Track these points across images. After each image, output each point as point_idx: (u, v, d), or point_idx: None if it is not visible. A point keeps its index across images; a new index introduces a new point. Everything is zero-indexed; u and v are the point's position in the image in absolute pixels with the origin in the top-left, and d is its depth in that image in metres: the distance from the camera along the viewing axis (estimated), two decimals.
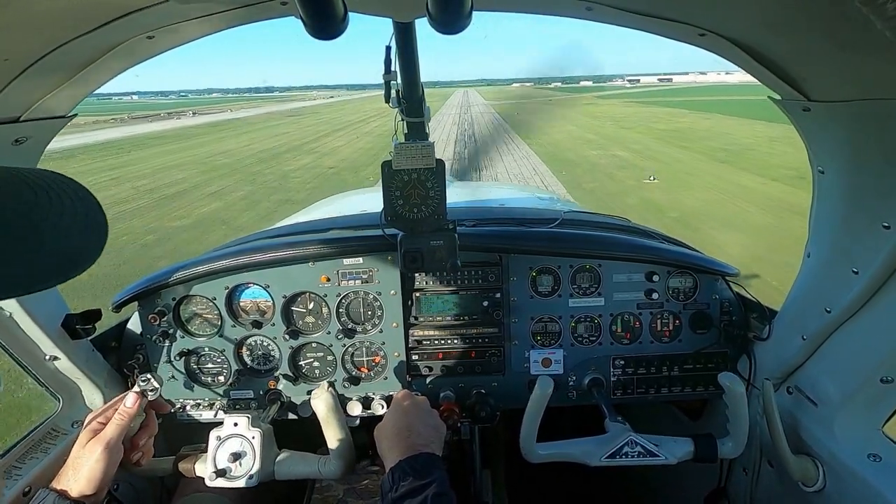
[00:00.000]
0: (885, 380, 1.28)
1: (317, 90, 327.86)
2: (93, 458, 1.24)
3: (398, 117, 1.50)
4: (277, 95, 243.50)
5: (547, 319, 1.82)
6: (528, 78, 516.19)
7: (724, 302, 1.81)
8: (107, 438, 1.28)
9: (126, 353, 1.81)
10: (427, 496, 1.11)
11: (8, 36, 0.85)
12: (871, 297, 1.24)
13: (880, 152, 1.06)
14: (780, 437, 1.42)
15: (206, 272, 1.73)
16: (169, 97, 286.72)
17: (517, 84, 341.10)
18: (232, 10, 1.07)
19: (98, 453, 1.25)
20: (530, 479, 2.55)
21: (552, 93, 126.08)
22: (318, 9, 0.88)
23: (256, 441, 1.49)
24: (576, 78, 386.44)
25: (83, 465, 1.24)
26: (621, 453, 1.49)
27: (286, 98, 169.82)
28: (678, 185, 14.61)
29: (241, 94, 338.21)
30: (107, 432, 1.29)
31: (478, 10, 0.95)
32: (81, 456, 1.26)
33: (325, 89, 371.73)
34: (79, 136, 36.11)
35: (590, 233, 1.94)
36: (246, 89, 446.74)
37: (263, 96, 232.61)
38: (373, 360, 1.85)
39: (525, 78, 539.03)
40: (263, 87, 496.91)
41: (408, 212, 1.54)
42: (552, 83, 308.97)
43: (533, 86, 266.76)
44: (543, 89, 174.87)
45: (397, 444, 1.30)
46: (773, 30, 0.99)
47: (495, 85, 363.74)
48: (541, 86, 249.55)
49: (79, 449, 1.28)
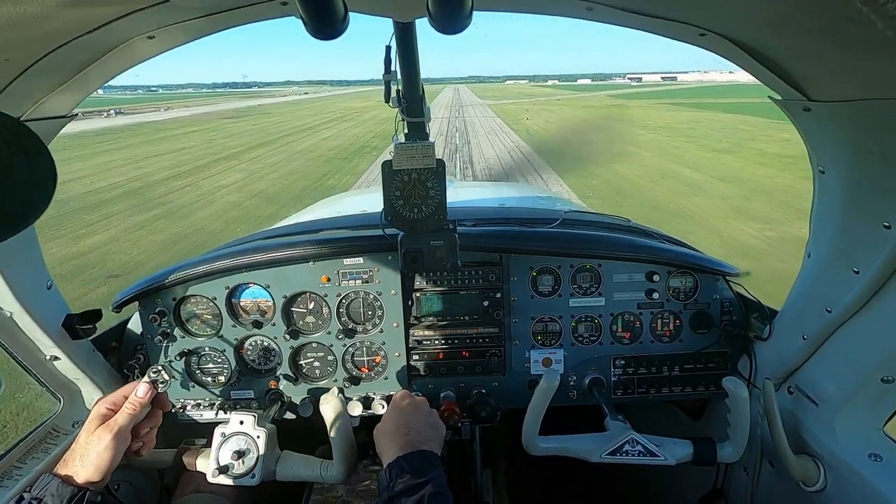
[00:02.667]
0: (886, 379, 1.28)
1: (298, 86, 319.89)
2: (101, 445, 1.23)
3: (398, 117, 1.50)
4: (255, 91, 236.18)
5: (547, 319, 1.82)
6: (523, 75, 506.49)
7: (724, 302, 1.81)
8: (117, 427, 1.27)
9: (126, 353, 1.81)
10: (424, 495, 1.10)
11: (8, 36, 0.85)
12: (872, 297, 1.24)
13: (880, 152, 1.06)
14: (781, 437, 1.42)
15: (207, 272, 1.73)
16: (136, 92, 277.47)
17: (511, 81, 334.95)
18: (232, 11, 1.07)
19: (108, 441, 1.24)
20: (531, 479, 2.56)
21: (552, 91, 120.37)
22: (318, 9, 0.87)
23: (261, 440, 1.49)
24: (573, 76, 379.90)
25: (91, 451, 1.23)
26: (622, 451, 1.50)
27: (256, 94, 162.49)
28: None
29: (215, 89, 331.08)
30: (117, 420, 1.28)
31: (478, 10, 0.95)
32: (90, 442, 1.25)
33: (309, 85, 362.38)
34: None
35: (590, 233, 1.94)
36: (223, 84, 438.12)
37: (237, 92, 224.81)
38: (373, 360, 1.85)
39: (519, 75, 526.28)
40: (243, 82, 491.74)
41: (408, 212, 1.54)
42: (549, 80, 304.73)
43: (528, 83, 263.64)
44: (541, 87, 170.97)
45: (395, 441, 1.30)
46: (774, 30, 0.99)
47: (488, 82, 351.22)
48: (537, 83, 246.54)
49: (87, 435, 1.26)
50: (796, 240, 9.08)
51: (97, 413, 1.31)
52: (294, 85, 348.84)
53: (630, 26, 1.12)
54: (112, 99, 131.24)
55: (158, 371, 1.40)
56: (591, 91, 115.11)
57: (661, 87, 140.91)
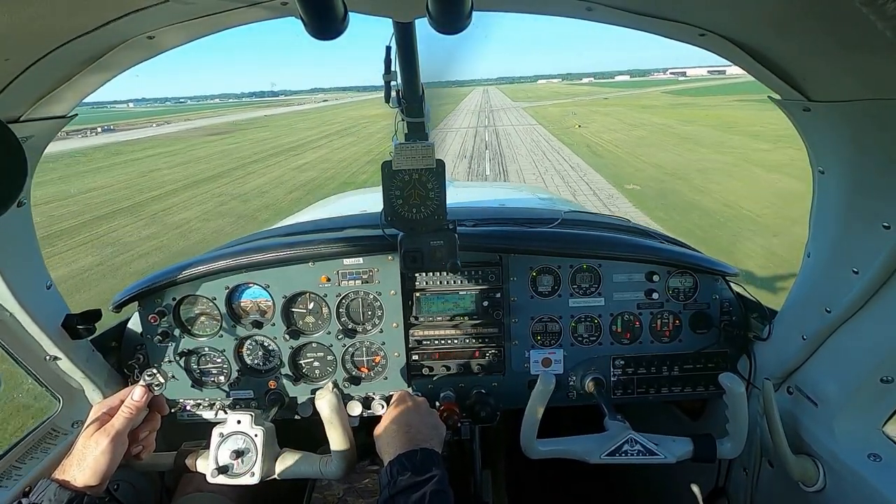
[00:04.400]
0: (885, 380, 1.28)
1: (325, 93, 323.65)
2: (98, 450, 1.23)
3: (398, 117, 1.50)
4: (279, 100, 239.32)
5: (547, 319, 1.82)
6: (555, 74, 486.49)
7: (724, 302, 1.81)
8: (114, 430, 1.27)
9: (126, 353, 1.81)
10: (426, 493, 1.10)
11: (8, 36, 0.85)
12: (871, 297, 1.24)
13: (881, 152, 1.06)
14: (781, 437, 1.42)
15: (207, 272, 1.73)
16: (165, 104, 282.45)
17: (542, 81, 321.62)
18: (232, 11, 1.07)
19: (104, 445, 1.24)
20: (530, 479, 2.56)
21: (591, 89, 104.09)
22: (318, 9, 0.88)
23: (259, 439, 1.49)
24: (610, 73, 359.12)
25: (88, 455, 1.23)
26: (621, 451, 1.49)
27: (275, 103, 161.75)
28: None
29: (242, 98, 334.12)
30: (113, 424, 1.29)
31: (478, 10, 0.95)
32: (87, 446, 1.25)
33: (335, 91, 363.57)
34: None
35: (590, 233, 1.94)
36: (250, 94, 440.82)
37: (259, 101, 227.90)
38: (373, 360, 1.85)
39: (550, 74, 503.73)
40: (270, 91, 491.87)
41: (408, 212, 1.53)
42: (583, 78, 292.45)
43: (561, 82, 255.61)
44: (577, 85, 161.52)
45: (396, 439, 1.30)
46: (774, 30, 0.99)
47: (518, 83, 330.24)
48: (571, 82, 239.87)
49: (85, 439, 1.26)
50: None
51: (94, 417, 1.31)
52: (321, 92, 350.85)
53: (630, 26, 1.12)
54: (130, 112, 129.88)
55: (153, 374, 1.41)
56: (638, 88, 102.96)
57: (710, 81, 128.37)
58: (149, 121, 78.32)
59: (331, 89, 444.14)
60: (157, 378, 1.41)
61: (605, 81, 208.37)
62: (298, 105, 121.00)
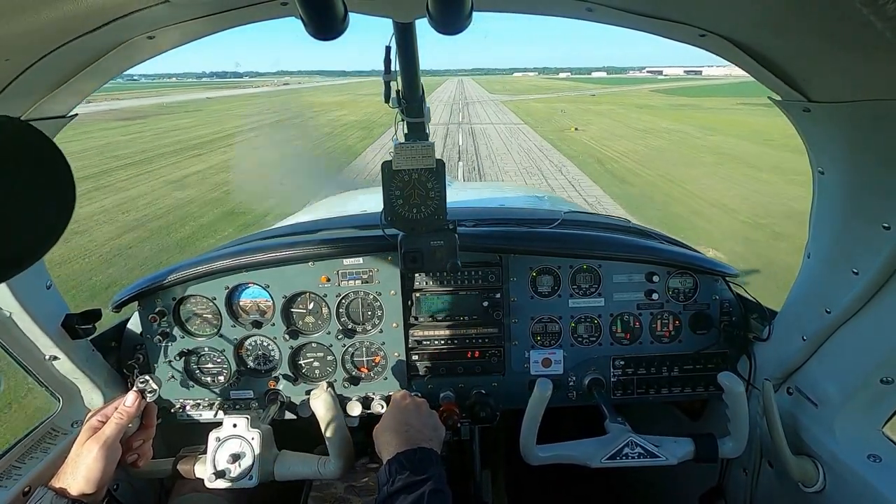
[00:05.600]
0: (885, 380, 1.28)
1: (291, 76, 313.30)
2: (90, 457, 1.24)
3: (398, 117, 1.50)
4: (239, 81, 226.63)
5: (547, 320, 1.82)
6: (531, 67, 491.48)
7: (724, 302, 1.81)
8: (104, 437, 1.28)
9: (126, 353, 1.81)
10: (424, 493, 1.10)
11: (8, 36, 0.85)
12: (871, 298, 1.24)
13: (880, 153, 1.06)
14: (780, 438, 1.42)
15: (206, 272, 1.73)
16: (116, 80, 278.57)
17: (518, 74, 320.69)
18: (232, 11, 1.07)
19: (96, 452, 1.25)
20: (530, 479, 2.55)
21: (571, 84, 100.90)
22: (318, 9, 0.88)
23: (255, 442, 1.49)
24: (587, 69, 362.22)
25: (81, 463, 1.24)
26: (622, 454, 1.49)
27: (230, 84, 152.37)
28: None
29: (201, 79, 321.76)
30: (105, 431, 1.29)
31: (478, 10, 0.95)
32: (80, 454, 1.26)
33: (301, 75, 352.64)
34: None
35: (590, 233, 1.94)
36: (211, 73, 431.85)
37: (217, 82, 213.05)
38: (373, 361, 1.85)
39: (526, 67, 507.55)
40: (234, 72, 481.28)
41: (408, 212, 1.54)
42: (560, 73, 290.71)
43: (538, 76, 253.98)
44: (554, 80, 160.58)
45: (395, 438, 1.30)
46: (774, 30, 0.99)
47: (493, 74, 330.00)
48: (548, 76, 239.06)
49: (78, 447, 1.28)
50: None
51: (89, 425, 1.32)
52: (287, 75, 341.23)
53: (630, 27, 1.12)
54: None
55: (146, 381, 1.41)
56: (619, 85, 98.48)
57: (687, 81, 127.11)
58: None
59: (296, 73, 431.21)
60: (150, 384, 1.41)
61: (582, 77, 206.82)
62: (255, 88, 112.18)
